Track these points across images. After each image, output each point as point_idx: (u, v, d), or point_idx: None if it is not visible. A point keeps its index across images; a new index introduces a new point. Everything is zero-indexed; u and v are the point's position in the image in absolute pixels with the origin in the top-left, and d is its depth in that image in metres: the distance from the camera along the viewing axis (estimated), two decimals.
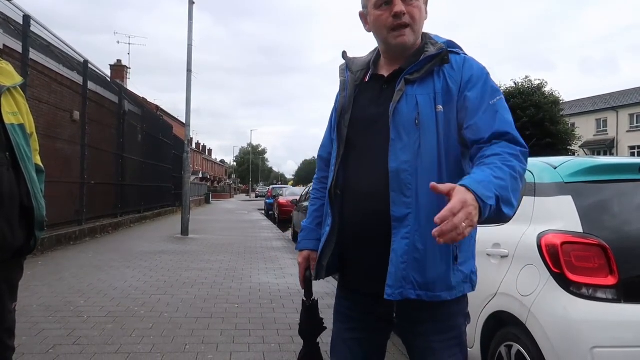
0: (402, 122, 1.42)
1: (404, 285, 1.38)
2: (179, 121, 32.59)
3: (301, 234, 1.75)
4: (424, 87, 1.44)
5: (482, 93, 1.43)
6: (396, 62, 1.54)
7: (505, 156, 1.31)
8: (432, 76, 1.45)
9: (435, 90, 1.43)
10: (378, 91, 1.53)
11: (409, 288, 1.38)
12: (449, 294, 1.41)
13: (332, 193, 1.53)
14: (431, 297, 1.39)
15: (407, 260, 1.38)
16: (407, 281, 1.38)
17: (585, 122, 38.72)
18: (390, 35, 1.48)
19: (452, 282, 1.41)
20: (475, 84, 1.44)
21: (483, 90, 1.43)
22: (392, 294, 1.38)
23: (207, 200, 36.27)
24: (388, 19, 1.47)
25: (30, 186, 1.82)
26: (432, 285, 1.39)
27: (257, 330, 3.97)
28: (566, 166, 2.51)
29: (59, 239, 8.42)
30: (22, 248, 1.86)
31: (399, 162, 1.40)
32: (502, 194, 1.22)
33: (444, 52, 1.46)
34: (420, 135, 1.40)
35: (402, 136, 1.41)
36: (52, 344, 3.45)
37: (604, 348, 2.03)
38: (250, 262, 7.59)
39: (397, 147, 1.41)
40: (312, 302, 1.66)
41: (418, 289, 1.39)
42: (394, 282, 1.39)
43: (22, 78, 1.95)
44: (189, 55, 12.01)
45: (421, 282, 1.39)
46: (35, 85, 8.15)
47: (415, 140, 1.40)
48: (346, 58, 1.66)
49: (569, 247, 2.21)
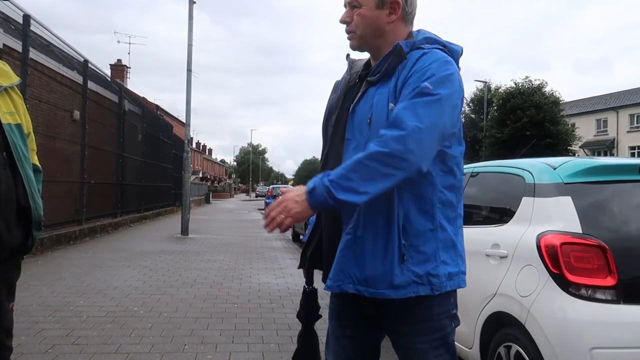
0: (357, 122, 1.48)
1: (343, 278, 1.43)
2: (179, 121, 32.59)
3: (309, 227, 1.80)
4: (383, 87, 1.47)
5: (413, 86, 1.36)
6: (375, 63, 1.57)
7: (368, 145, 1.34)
8: (393, 75, 1.45)
9: (389, 88, 1.44)
10: (357, 92, 1.57)
11: (347, 282, 1.42)
12: (395, 293, 1.39)
13: None
14: (372, 294, 1.41)
15: (347, 254, 1.43)
16: (345, 274, 1.43)
17: (585, 123, 38.69)
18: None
19: (396, 281, 1.39)
20: (417, 73, 1.38)
21: (419, 78, 1.37)
22: (331, 286, 1.45)
23: (207, 200, 36.30)
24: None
25: (28, 186, 1.82)
26: (372, 282, 1.40)
27: (257, 330, 3.97)
28: (565, 167, 2.51)
29: (58, 239, 8.42)
30: (19, 247, 1.86)
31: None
32: (338, 182, 1.29)
33: (397, 48, 1.44)
34: (370, 134, 1.43)
35: (355, 135, 1.48)
36: (52, 343, 3.45)
37: (603, 349, 2.03)
38: (250, 262, 7.59)
39: (350, 147, 1.48)
40: (310, 289, 1.71)
41: (357, 284, 1.42)
42: (333, 274, 1.44)
43: (19, 78, 1.95)
44: (189, 55, 12.02)
45: (360, 278, 1.41)
46: (35, 84, 8.15)
47: (366, 140, 1.43)
48: (348, 60, 1.69)
49: (568, 247, 2.21)
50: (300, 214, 1.33)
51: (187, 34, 12.02)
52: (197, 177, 47.61)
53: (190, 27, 12.07)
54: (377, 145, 1.31)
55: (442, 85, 1.36)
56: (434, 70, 1.37)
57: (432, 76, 1.36)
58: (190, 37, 12.04)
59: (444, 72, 1.38)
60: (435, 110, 1.34)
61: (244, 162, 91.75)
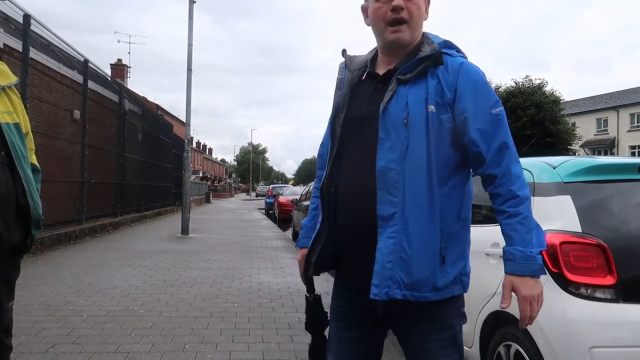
0: (391, 121, 1.43)
1: (390, 284, 1.38)
2: (179, 120, 32.61)
3: (301, 231, 1.77)
4: (416, 88, 1.44)
5: (483, 102, 1.44)
6: (392, 60, 1.54)
7: (520, 197, 1.40)
8: (426, 77, 1.45)
9: (428, 91, 1.43)
10: (372, 90, 1.53)
11: (395, 288, 1.38)
12: (436, 295, 1.41)
13: (325, 191, 1.55)
14: (417, 298, 1.40)
15: (393, 259, 1.38)
16: (393, 280, 1.38)
17: (585, 122, 38.68)
18: (387, 30, 1.48)
19: (439, 284, 1.41)
20: (474, 92, 1.44)
21: (484, 100, 1.45)
22: (378, 294, 1.38)
23: (207, 199, 36.29)
24: (387, 12, 1.47)
25: (26, 185, 1.83)
26: (418, 286, 1.39)
27: (257, 329, 3.97)
28: (565, 166, 2.51)
29: (58, 238, 8.42)
30: (19, 246, 1.86)
31: (386, 161, 1.41)
32: (538, 241, 1.38)
33: (437, 53, 1.45)
34: (408, 135, 1.41)
35: (390, 135, 1.42)
36: (52, 343, 3.45)
37: (602, 348, 2.03)
38: (250, 262, 7.59)
39: (385, 147, 1.42)
40: (314, 297, 1.68)
41: (404, 289, 1.39)
42: (379, 281, 1.39)
43: (17, 77, 1.95)
44: (189, 54, 12.00)
45: (407, 282, 1.39)
46: (35, 84, 8.16)
47: (403, 140, 1.41)
48: (345, 56, 1.66)
49: (568, 246, 2.21)
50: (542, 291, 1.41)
51: (187, 34, 12.02)
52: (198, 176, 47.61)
53: (191, 26, 12.06)
54: (524, 188, 1.42)
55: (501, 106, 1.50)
56: (490, 90, 1.49)
57: (495, 102, 1.47)
58: (191, 37, 12.03)
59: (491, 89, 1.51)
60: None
61: (244, 161, 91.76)
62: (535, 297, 1.37)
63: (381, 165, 1.41)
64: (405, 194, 1.39)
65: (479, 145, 1.42)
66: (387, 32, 1.49)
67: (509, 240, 1.40)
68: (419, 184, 1.40)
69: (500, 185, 1.41)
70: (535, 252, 1.36)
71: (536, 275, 1.37)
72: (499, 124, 1.44)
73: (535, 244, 1.37)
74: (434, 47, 1.48)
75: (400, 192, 1.39)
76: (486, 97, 1.46)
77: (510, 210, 1.39)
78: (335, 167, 1.54)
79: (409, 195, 1.39)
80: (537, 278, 1.38)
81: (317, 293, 1.70)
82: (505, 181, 1.41)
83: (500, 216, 1.42)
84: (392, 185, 1.40)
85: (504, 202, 1.41)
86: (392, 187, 1.39)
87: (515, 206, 1.39)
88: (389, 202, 1.39)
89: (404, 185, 1.39)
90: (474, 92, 1.44)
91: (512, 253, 1.38)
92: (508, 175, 1.41)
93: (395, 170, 1.40)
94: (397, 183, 1.39)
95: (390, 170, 1.40)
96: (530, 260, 1.36)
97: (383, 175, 1.40)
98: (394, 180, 1.40)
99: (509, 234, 1.40)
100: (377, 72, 1.56)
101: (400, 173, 1.40)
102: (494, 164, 1.42)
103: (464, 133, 1.43)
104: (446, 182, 1.44)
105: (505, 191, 1.40)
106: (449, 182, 1.45)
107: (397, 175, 1.40)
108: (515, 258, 1.37)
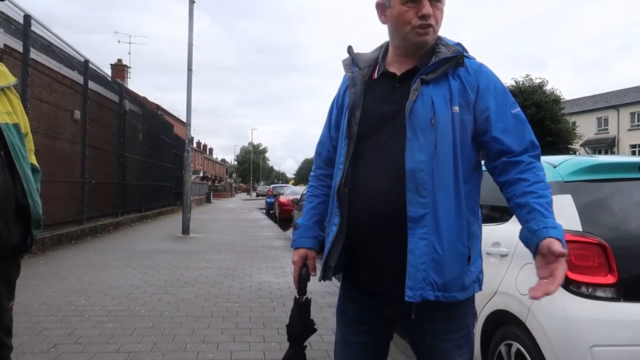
0: (419, 121, 1.41)
1: (424, 286, 1.37)
2: (180, 120, 32.61)
3: (297, 231, 1.69)
4: (439, 88, 1.44)
5: (503, 102, 1.47)
6: (408, 60, 1.52)
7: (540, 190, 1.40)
8: (447, 78, 1.45)
9: (452, 91, 1.43)
10: (390, 89, 1.51)
11: (428, 289, 1.37)
12: (462, 294, 1.42)
13: (341, 192, 1.49)
14: (447, 298, 1.40)
15: (427, 261, 1.37)
16: (426, 282, 1.37)
17: (586, 121, 38.65)
18: (413, 32, 1.46)
19: (465, 283, 1.43)
20: (494, 92, 1.47)
21: (504, 100, 1.47)
22: (412, 296, 1.37)
23: (207, 199, 36.29)
24: (413, 18, 1.45)
25: (26, 185, 1.83)
26: (449, 286, 1.40)
27: (258, 329, 3.97)
28: (566, 165, 2.51)
29: (59, 238, 8.43)
30: (19, 246, 1.87)
31: (415, 162, 1.39)
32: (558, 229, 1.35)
33: (460, 55, 1.46)
34: (436, 135, 1.40)
35: (418, 136, 1.40)
36: (53, 343, 3.46)
37: (603, 347, 2.03)
38: (251, 261, 7.60)
39: (413, 147, 1.40)
40: (305, 299, 1.61)
41: (437, 290, 1.38)
42: (414, 283, 1.37)
43: (15, 78, 1.96)
44: (190, 54, 12.01)
45: (440, 283, 1.38)
46: (36, 84, 8.16)
47: (431, 141, 1.40)
48: (352, 53, 1.63)
49: (569, 245, 2.19)
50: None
51: (188, 33, 12.02)
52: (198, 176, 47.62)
53: (191, 26, 12.06)
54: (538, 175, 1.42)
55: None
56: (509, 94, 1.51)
57: (513, 102, 1.50)
58: (191, 37, 12.03)
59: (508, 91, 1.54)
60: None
61: (244, 161, 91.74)
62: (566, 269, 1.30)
63: (411, 167, 1.39)
64: (435, 195, 1.39)
65: (503, 142, 1.44)
66: (413, 34, 1.46)
67: (543, 214, 1.37)
68: (447, 185, 1.40)
69: (528, 170, 1.42)
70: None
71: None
72: (522, 122, 1.47)
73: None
74: (455, 50, 1.48)
75: (430, 192, 1.38)
76: (505, 98, 1.49)
77: (539, 192, 1.38)
78: (351, 167, 1.50)
79: (438, 196, 1.39)
80: None
81: (309, 296, 1.64)
82: (532, 167, 1.42)
83: (528, 197, 1.39)
84: (421, 186, 1.38)
85: (531, 184, 1.39)
86: (421, 188, 1.38)
87: (544, 189, 1.39)
88: (419, 203, 1.38)
89: (433, 186, 1.39)
90: (495, 92, 1.47)
91: (555, 223, 1.35)
92: (535, 166, 1.43)
93: (424, 172, 1.39)
94: (426, 184, 1.38)
95: (419, 171, 1.39)
96: (562, 236, 1.32)
97: (413, 177, 1.39)
98: (423, 182, 1.38)
99: (541, 211, 1.36)
100: (393, 72, 1.53)
101: (429, 174, 1.39)
102: (521, 154, 1.44)
103: (485, 132, 1.45)
104: (468, 182, 1.45)
105: (533, 176, 1.41)
106: (470, 182, 1.46)
107: (426, 176, 1.39)
108: (558, 227, 1.34)
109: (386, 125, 1.47)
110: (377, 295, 1.47)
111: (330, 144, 1.69)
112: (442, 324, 1.46)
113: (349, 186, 1.49)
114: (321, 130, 1.76)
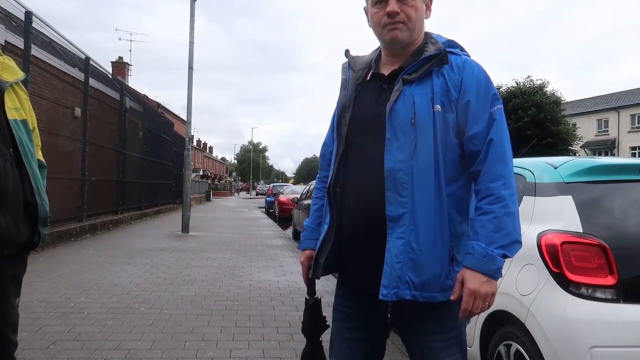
0: (399, 121, 1.42)
1: (399, 285, 1.38)
2: (180, 118, 32.61)
3: (303, 233, 1.75)
4: (422, 87, 1.44)
5: (483, 100, 1.44)
6: (396, 60, 1.54)
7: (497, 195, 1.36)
8: (431, 76, 1.45)
9: (434, 90, 1.43)
10: (378, 90, 1.53)
11: (404, 288, 1.38)
12: (444, 295, 1.41)
13: (331, 191, 1.54)
14: (426, 298, 1.40)
15: (402, 260, 1.38)
16: (402, 281, 1.38)
17: (586, 123, 38.66)
18: (384, 30, 1.50)
19: (447, 284, 1.41)
20: (477, 89, 1.45)
21: (485, 97, 1.45)
22: (387, 294, 1.38)
23: (207, 197, 36.30)
24: (383, 17, 1.49)
25: (34, 182, 1.82)
26: (427, 286, 1.39)
27: (257, 327, 3.98)
28: (566, 166, 2.52)
29: (59, 235, 8.43)
30: (26, 243, 1.86)
31: (394, 161, 1.40)
32: (506, 243, 1.33)
33: (442, 52, 1.46)
34: (416, 135, 1.41)
35: (398, 136, 1.42)
36: (53, 339, 3.46)
37: (602, 347, 2.03)
38: (251, 260, 7.60)
39: (392, 147, 1.42)
40: (315, 300, 1.67)
41: (413, 289, 1.38)
42: (388, 282, 1.38)
43: (24, 73, 1.94)
44: (190, 52, 12.00)
45: (417, 283, 1.38)
46: (36, 81, 8.15)
47: (411, 140, 1.41)
48: (348, 56, 1.66)
49: (569, 246, 2.21)
50: (495, 293, 1.37)
51: (189, 32, 12.01)
52: (198, 174, 47.63)
53: (192, 24, 12.05)
54: (505, 188, 1.37)
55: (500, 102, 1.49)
56: (492, 88, 1.48)
57: (495, 100, 1.46)
58: (192, 35, 12.02)
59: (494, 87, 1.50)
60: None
61: (244, 160, 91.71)
62: (482, 295, 1.33)
63: (389, 166, 1.40)
64: (414, 194, 1.39)
65: (477, 145, 1.42)
66: (384, 32, 1.50)
67: (475, 235, 1.37)
68: (427, 184, 1.40)
69: (480, 182, 1.40)
70: (497, 252, 1.32)
71: (492, 275, 1.33)
72: (493, 122, 1.43)
73: (501, 246, 1.33)
74: (439, 47, 1.49)
75: (409, 192, 1.39)
76: (487, 95, 1.46)
77: (484, 208, 1.37)
78: (341, 167, 1.53)
79: (417, 195, 1.39)
80: (493, 279, 1.34)
81: (318, 297, 1.69)
82: (485, 178, 1.39)
83: (476, 212, 1.40)
84: (400, 185, 1.39)
85: (481, 199, 1.39)
86: (400, 188, 1.39)
87: (491, 204, 1.36)
88: (398, 202, 1.39)
89: (412, 186, 1.39)
90: (477, 90, 1.45)
91: (473, 247, 1.35)
92: (489, 173, 1.39)
93: (403, 171, 1.40)
94: (405, 183, 1.39)
95: (398, 170, 1.40)
96: (489, 258, 1.32)
97: (391, 176, 1.40)
98: (402, 181, 1.39)
99: (476, 230, 1.37)
100: (382, 73, 1.56)
101: (409, 173, 1.39)
102: (482, 160, 1.41)
103: (464, 132, 1.44)
104: (454, 182, 1.44)
105: (484, 188, 1.39)
106: (457, 182, 1.45)
107: (405, 175, 1.39)
108: (475, 253, 1.34)
109: (371, 127, 1.49)
110: (367, 293, 1.48)
111: (332, 146, 1.70)
112: (433, 324, 1.46)
113: (341, 186, 1.52)
114: (320, 130, 1.79)
